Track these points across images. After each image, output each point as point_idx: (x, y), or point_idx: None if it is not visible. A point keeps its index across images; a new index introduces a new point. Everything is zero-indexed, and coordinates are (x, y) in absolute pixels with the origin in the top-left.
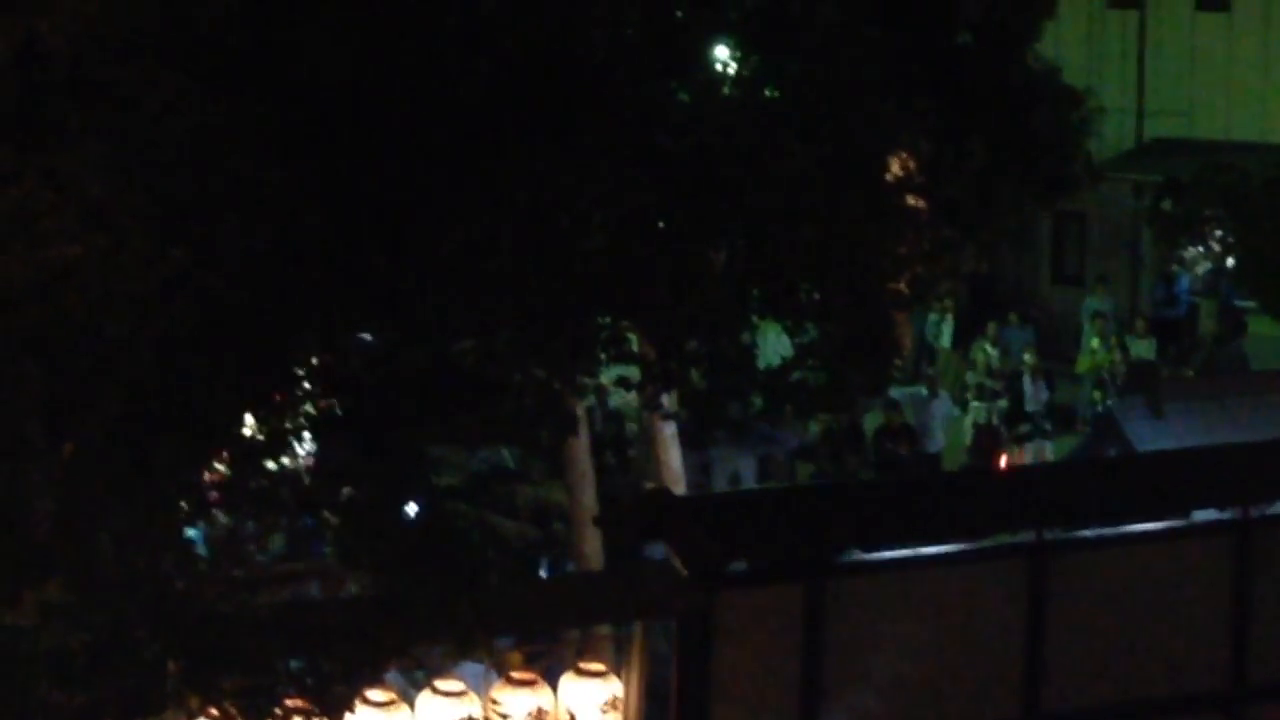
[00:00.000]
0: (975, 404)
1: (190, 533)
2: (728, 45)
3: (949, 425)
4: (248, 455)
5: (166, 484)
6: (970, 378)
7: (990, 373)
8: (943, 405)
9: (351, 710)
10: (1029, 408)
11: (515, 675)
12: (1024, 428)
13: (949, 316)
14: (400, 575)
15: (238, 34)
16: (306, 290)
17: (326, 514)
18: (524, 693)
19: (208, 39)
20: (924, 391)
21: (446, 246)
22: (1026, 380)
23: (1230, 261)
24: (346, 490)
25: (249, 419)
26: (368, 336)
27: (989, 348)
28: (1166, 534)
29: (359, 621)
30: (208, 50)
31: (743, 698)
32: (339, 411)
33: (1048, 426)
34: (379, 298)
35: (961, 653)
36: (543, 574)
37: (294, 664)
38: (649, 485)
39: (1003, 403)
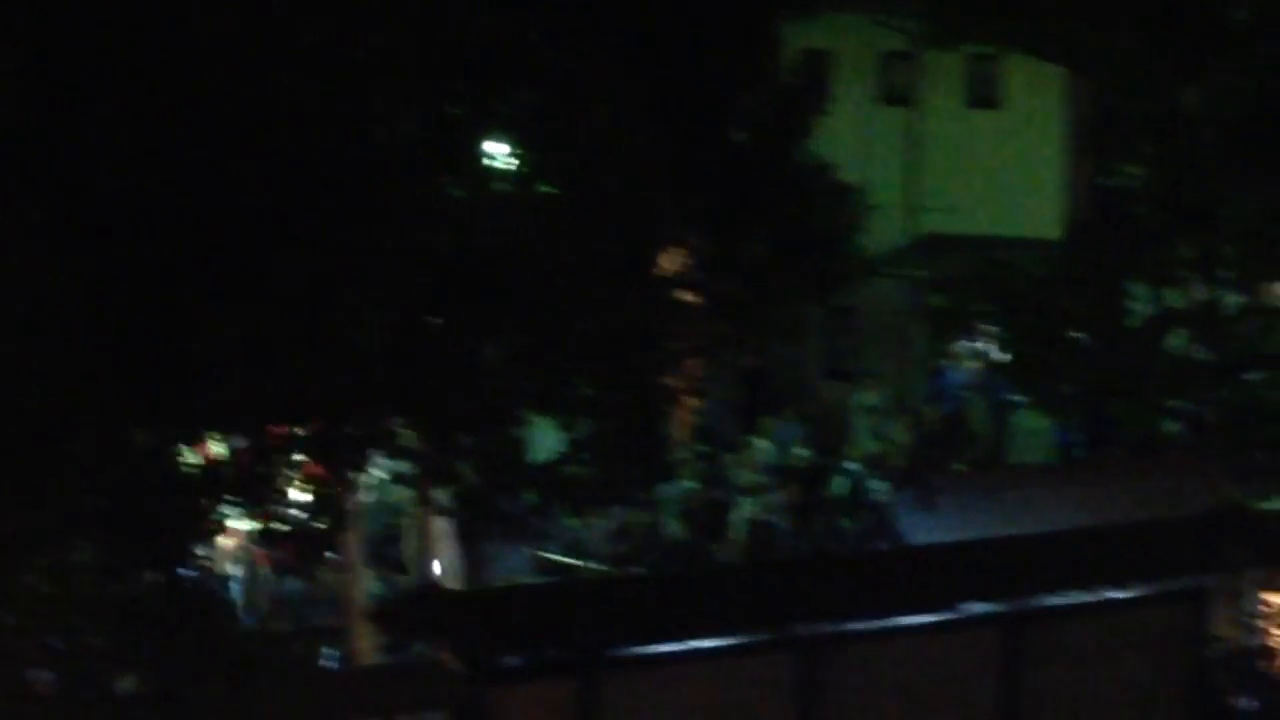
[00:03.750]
0: (747, 500)
1: None
2: (503, 141)
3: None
4: (15, 551)
5: None
6: (740, 474)
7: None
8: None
9: None
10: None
11: None
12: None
13: None
14: (174, 672)
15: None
16: (81, 387)
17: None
18: None
19: None
20: (687, 486)
21: (222, 344)
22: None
23: (1000, 356)
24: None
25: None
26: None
27: (763, 442)
28: (937, 627)
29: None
30: None
31: None
32: (113, 509)
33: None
34: (156, 395)
35: None
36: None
37: None
38: (422, 580)
39: (772, 497)
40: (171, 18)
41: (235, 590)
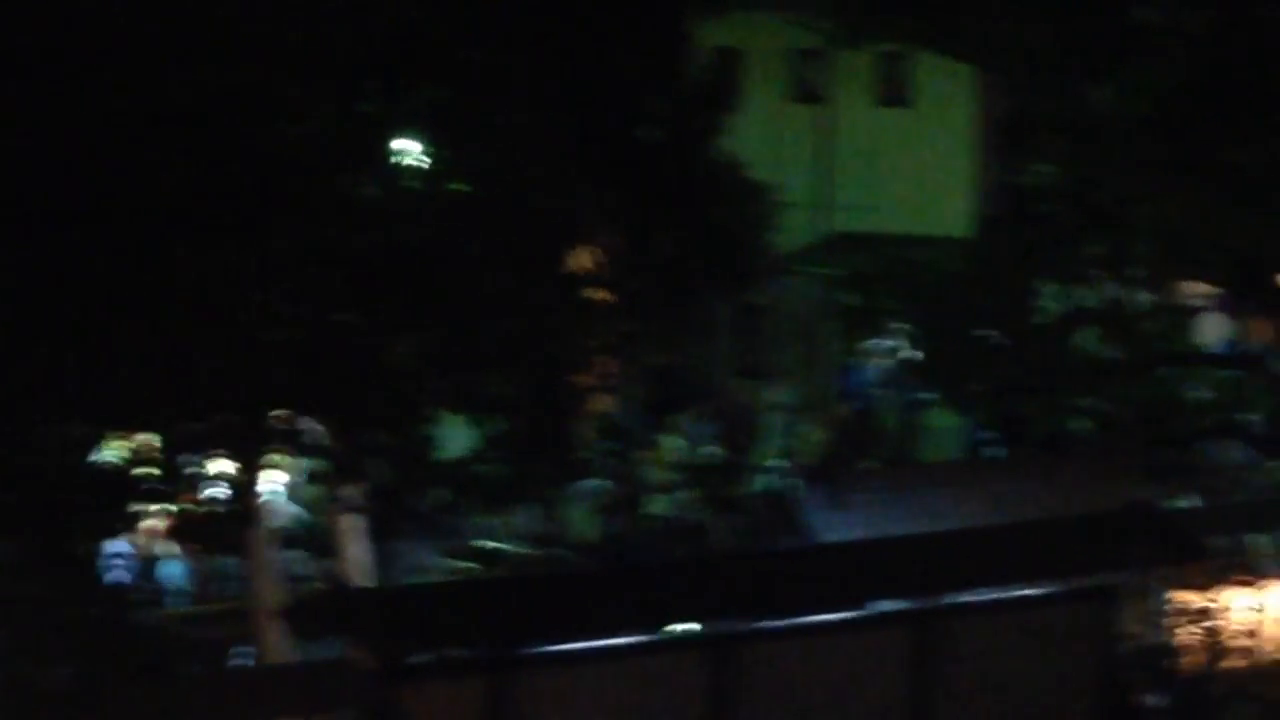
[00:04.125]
0: (656, 497)
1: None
2: (415, 139)
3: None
4: None
5: None
6: (651, 472)
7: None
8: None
9: None
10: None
11: None
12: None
13: None
14: (82, 669)
15: None
16: None
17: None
18: None
19: None
20: (598, 484)
21: (135, 341)
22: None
23: (911, 353)
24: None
25: None
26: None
27: (674, 440)
28: (848, 624)
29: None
30: None
31: None
32: (20, 507)
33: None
34: (64, 390)
35: None
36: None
37: None
38: (334, 578)
39: (684, 494)
40: (76, 10)
41: (168, 572)
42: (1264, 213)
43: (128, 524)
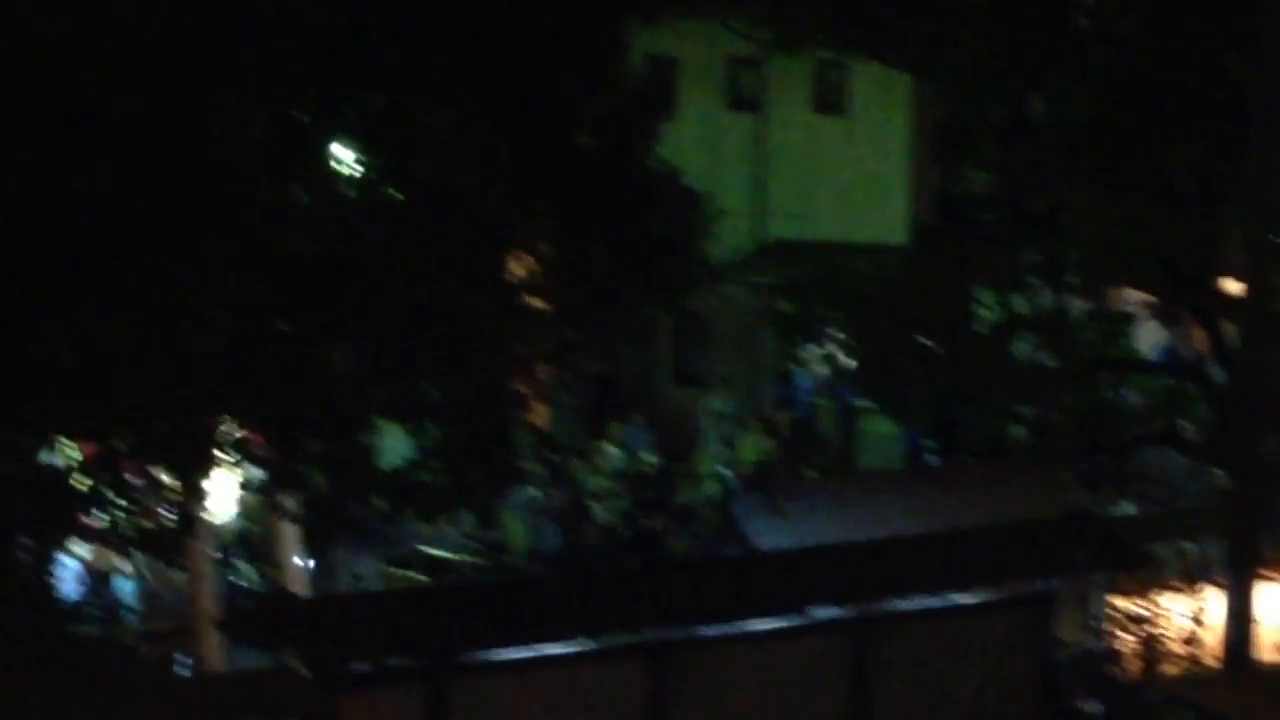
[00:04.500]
0: (594, 505)
1: None
2: (350, 146)
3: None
4: None
5: None
6: (588, 479)
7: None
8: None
9: None
10: None
11: None
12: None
13: None
14: (20, 678)
15: None
16: None
17: None
18: None
19: None
20: (534, 493)
21: (64, 348)
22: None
23: (847, 362)
24: None
25: None
26: None
27: (612, 448)
28: (786, 632)
29: None
30: None
31: None
32: None
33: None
34: (3, 398)
35: None
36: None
37: None
38: (272, 587)
39: (622, 502)
40: (7, 11)
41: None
42: (1197, 219)
43: (71, 534)
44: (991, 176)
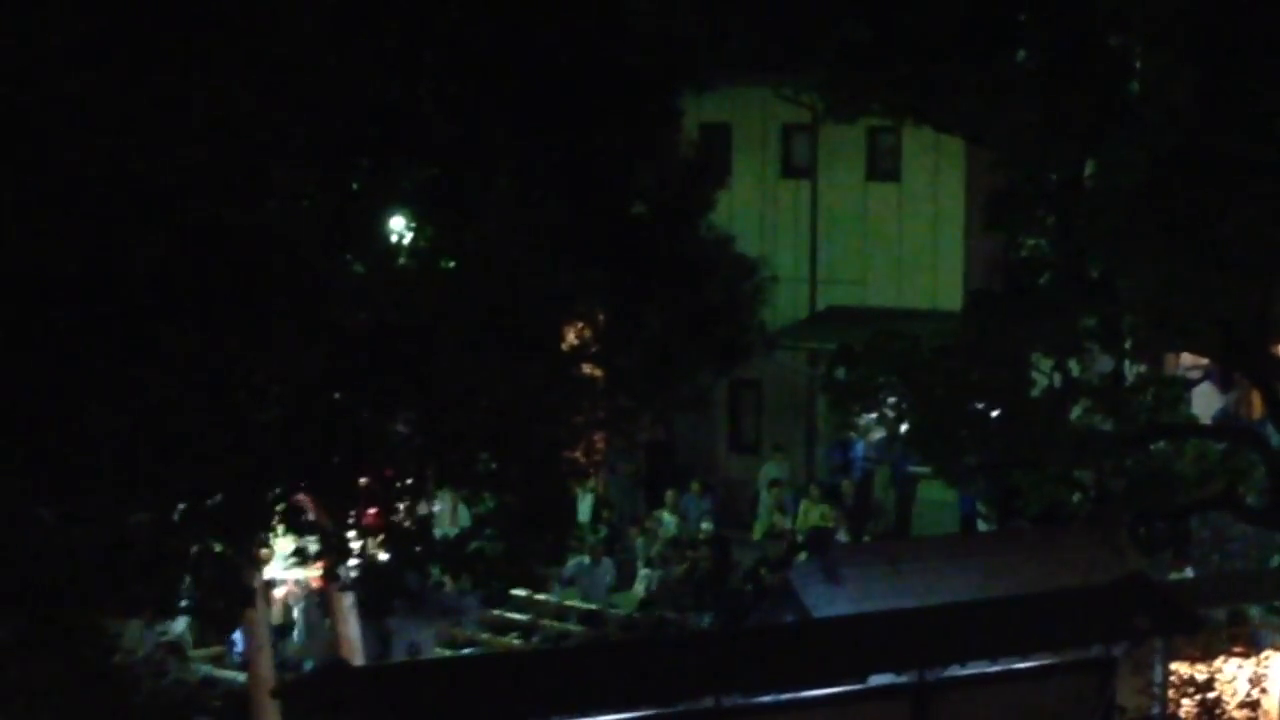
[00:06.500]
0: (644, 571)
1: None
2: (404, 216)
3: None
4: None
5: None
6: (641, 545)
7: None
8: (605, 573)
9: None
10: None
11: None
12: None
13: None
14: None
15: None
16: None
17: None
18: None
19: None
20: (586, 560)
21: (121, 419)
22: None
23: (903, 428)
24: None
25: None
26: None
27: (667, 515)
28: (843, 698)
29: None
30: None
31: None
32: (13, 587)
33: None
34: (53, 473)
35: None
36: None
37: None
38: (329, 657)
39: (679, 569)
40: (65, 84)
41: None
42: (1252, 283)
43: (125, 602)
44: (1047, 241)
